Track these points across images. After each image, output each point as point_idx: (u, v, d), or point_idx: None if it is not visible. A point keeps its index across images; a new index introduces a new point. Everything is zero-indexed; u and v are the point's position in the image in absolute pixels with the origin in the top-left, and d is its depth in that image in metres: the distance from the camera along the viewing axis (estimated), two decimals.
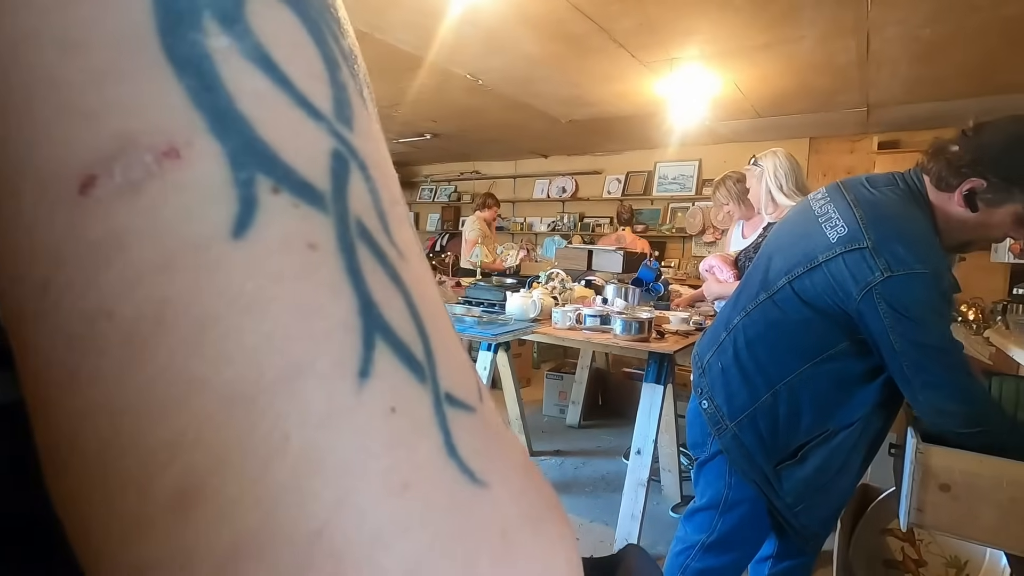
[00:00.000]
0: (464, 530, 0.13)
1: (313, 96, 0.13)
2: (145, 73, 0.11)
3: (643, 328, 2.22)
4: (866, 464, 1.25)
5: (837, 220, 1.12)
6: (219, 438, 0.11)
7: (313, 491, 0.11)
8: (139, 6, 0.11)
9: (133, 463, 0.11)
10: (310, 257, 0.12)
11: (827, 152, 5.21)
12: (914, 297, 1.02)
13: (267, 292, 0.11)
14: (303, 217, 0.12)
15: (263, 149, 0.12)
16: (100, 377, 0.11)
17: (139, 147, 0.11)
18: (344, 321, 0.12)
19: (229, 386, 0.11)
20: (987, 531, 1.02)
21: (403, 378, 0.13)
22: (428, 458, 0.13)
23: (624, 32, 2.93)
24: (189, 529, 0.11)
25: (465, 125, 5.31)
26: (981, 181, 1.05)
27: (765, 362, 1.19)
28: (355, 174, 0.13)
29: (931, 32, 2.77)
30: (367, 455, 0.12)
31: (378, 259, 0.13)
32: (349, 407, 0.12)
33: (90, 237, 0.11)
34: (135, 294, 0.11)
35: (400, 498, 0.12)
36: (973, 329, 2.77)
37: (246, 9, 0.12)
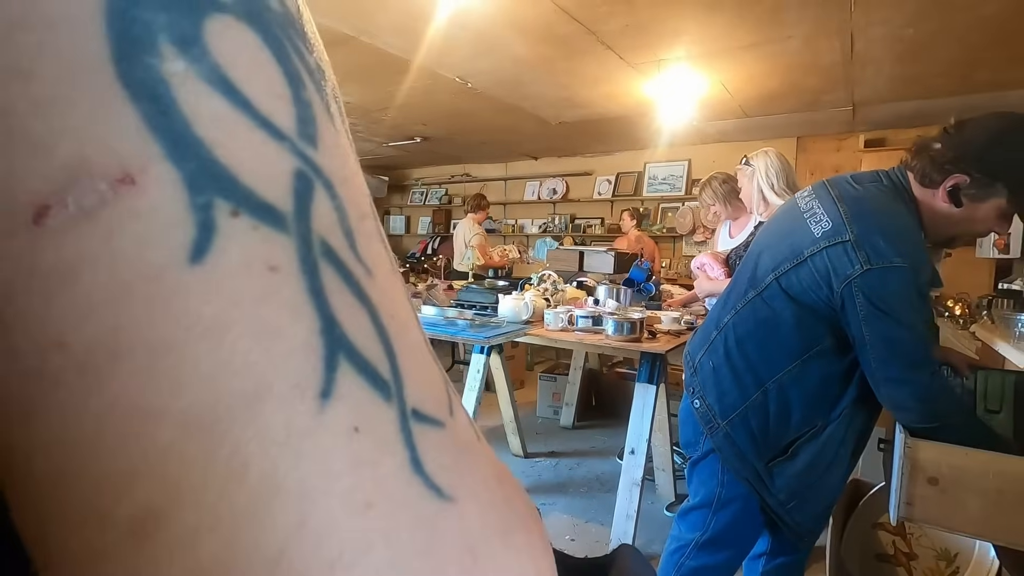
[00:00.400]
0: (429, 546, 0.13)
1: (274, 116, 0.13)
2: (98, 99, 0.11)
3: (635, 328, 2.23)
4: (855, 458, 1.27)
5: (822, 215, 1.14)
6: (177, 467, 0.11)
7: (271, 515, 0.11)
8: (91, 32, 0.11)
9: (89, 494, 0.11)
10: (271, 279, 0.12)
11: (814, 151, 5.26)
12: (890, 290, 1.04)
13: (225, 317, 0.11)
14: (263, 239, 0.12)
15: (221, 172, 0.12)
16: (54, 409, 0.11)
17: (92, 174, 0.11)
18: (305, 342, 0.12)
19: (185, 414, 0.11)
20: (974, 523, 1.03)
21: (367, 397, 0.13)
22: (392, 476, 0.13)
23: (612, 34, 2.95)
24: (147, 558, 0.11)
25: (455, 128, 5.31)
26: (964, 177, 1.07)
27: (755, 360, 1.20)
28: (319, 193, 0.13)
29: (914, 32, 2.81)
30: (328, 476, 0.12)
31: (343, 278, 0.13)
32: (310, 429, 0.12)
33: (42, 267, 0.11)
34: (88, 324, 0.11)
35: (362, 517, 0.12)
36: (959, 324, 2.80)
37: (204, 31, 0.12)
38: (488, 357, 2.70)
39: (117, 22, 0.11)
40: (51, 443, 0.11)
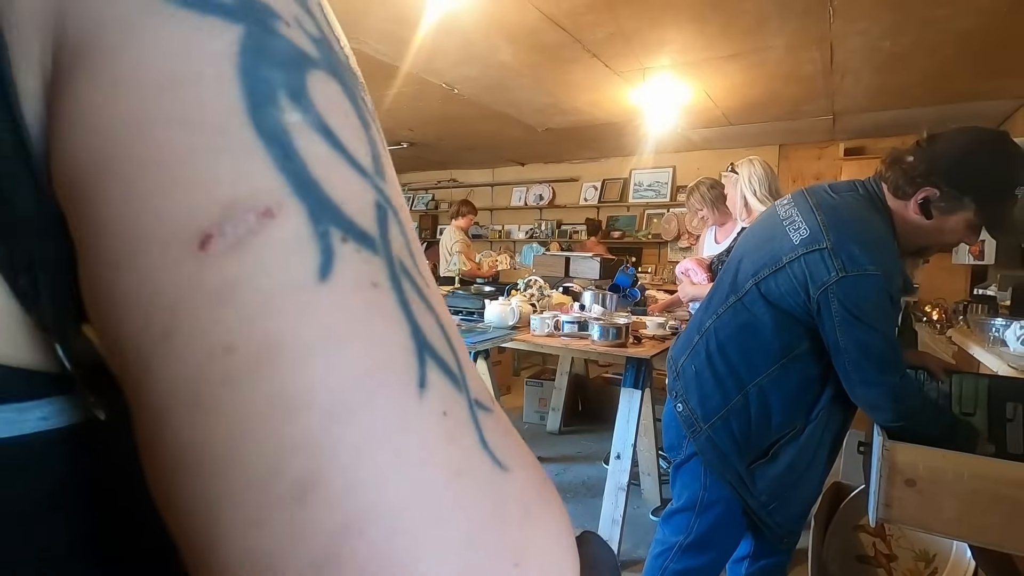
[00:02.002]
0: (499, 506, 0.16)
1: (358, 155, 0.16)
2: (241, 146, 0.14)
3: (620, 334, 2.25)
4: (831, 460, 1.29)
5: (800, 223, 1.17)
6: (325, 442, 0.13)
7: (396, 481, 0.14)
8: (230, 88, 0.14)
9: (255, 464, 0.13)
10: (374, 294, 0.15)
11: (796, 159, 5.35)
12: (864, 297, 1.07)
13: (349, 325, 0.14)
14: (365, 261, 0.15)
15: (332, 206, 0.15)
16: (223, 400, 0.13)
17: (243, 209, 0.14)
18: (404, 345, 0.15)
19: (331, 402, 0.14)
20: (951, 523, 1.05)
21: (447, 388, 0.16)
22: (471, 450, 0.16)
23: (597, 42, 2.98)
24: (306, 513, 0.13)
25: (442, 133, 5.31)
26: (934, 190, 1.11)
27: (736, 364, 1.22)
28: (391, 220, 0.16)
29: (891, 44, 2.88)
30: (431, 450, 0.15)
31: (416, 290, 0.16)
32: (415, 413, 0.15)
33: (207, 286, 0.13)
34: (249, 330, 0.13)
35: (457, 482, 0.15)
36: (936, 329, 2.86)
37: (307, 85, 0.15)
38: (475, 362, 2.70)
39: (248, 79, 0.14)
40: (219, 426, 0.13)
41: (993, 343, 1.97)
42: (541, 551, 0.17)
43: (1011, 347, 1.85)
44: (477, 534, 0.15)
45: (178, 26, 0.14)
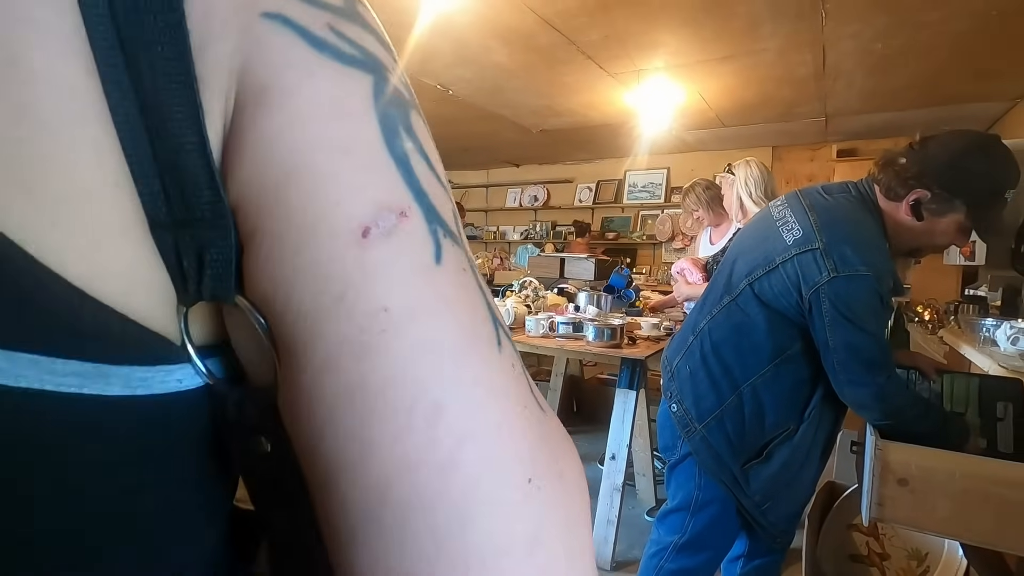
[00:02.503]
0: (550, 437, 0.22)
1: (441, 174, 0.22)
2: (383, 165, 0.19)
3: (615, 334, 2.25)
4: (824, 459, 1.30)
5: (793, 224, 1.18)
6: (447, 379, 0.19)
7: (491, 408, 0.20)
8: (372, 123, 0.20)
9: (402, 395, 0.19)
10: (465, 276, 0.21)
11: (789, 160, 5.38)
12: (855, 297, 1.08)
13: (457, 294, 0.20)
14: (456, 251, 0.21)
15: (435, 211, 0.20)
16: (381, 347, 0.18)
17: (389, 210, 0.19)
18: (485, 314, 0.21)
19: (451, 349, 0.19)
20: (942, 522, 1.06)
21: (511, 348, 0.22)
22: (528, 393, 0.22)
23: (592, 44, 2.99)
24: (436, 430, 0.19)
25: (436, 135, 5.10)
26: (926, 192, 1.12)
27: (730, 364, 1.23)
28: (460, 222, 0.22)
29: (883, 46, 2.90)
30: (508, 390, 0.20)
31: (478, 275, 0.22)
32: (498, 362, 0.20)
33: (368, 264, 0.18)
34: (397, 296, 0.19)
35: (523, 413, 0.21)
36: (928, 329, 2.88)
37: (411, 119, 0.21)
38: None
39: (381, 116, 0.20)
40: (381, 370, 0.18)
41: (984, 343, 1.99)
42: (571, 468, 0.22)
43: (1001, 347, 1.86)
44: (536, 449, 0.20)
45: (334, 74, 0.19)
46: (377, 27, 0.22)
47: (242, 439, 0.22)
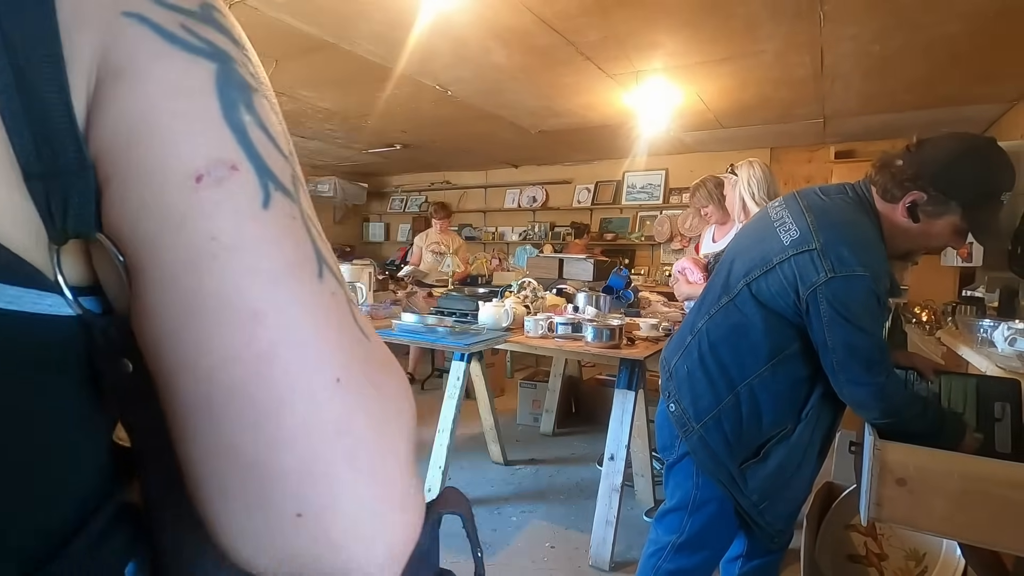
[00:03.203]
0: (370, 357, 0.26)
1: (282, 147, 0.26)
2: (219, 131, 0.23)
3: (614, 335, 2.25)
4: (821, 459, 1.30)
5: (791, 224, 1.18)
6: (267, 295, 0.23)
7: (306, 321, 0.24)
8: (212, 99, 0.24)
9: (227, 304, 0.23)
10: (293, 222, 0.25)
11: (787, 161, 5.39)
12: (852, 298, 1.09)
13: (282, 233, 0.24)
14: (286, 202, 0.25)
15: (268, 170, 0.24)
16: (212, 267, 0.22)
17: (221, 163, 0.23)
18: (309, 252, 0.25)
19: (271, 270, 0.23)
20: (940, 522, 1.07)
21: (335, 283, 0.26)
22: (348, 318, 0.26)
23: (590, 45, 2.99)
24: (253, 329, 0.23)
25: (435, 135, 5.31)
26: (922, 194, 1.12)
27: (728, 364, 1.23)
28: (300, 186, 0.26)
29: (880, 48, 2.91)
30: (327, 309, 0.25)
31: (316, 230, 0.26)
32: (317, 287, 0.24)
33: (202, 204, 0.22)
34: (226, 228, 0.22)
35: (339, 330, 0.25)
36: (926, 330, 2.89)
37: (253, 100, 0.25)
38: (468, 364, 2.69)
39: (221, 94, 0.24)
40: (212, 283, 0.22)
41: (981, 344, 1.99)
42: (390, 385, 0.27)
43: (999, 347, 1.87)
44: (349, 360, 0.24)
45: (181, 61, 0.23)
46: (232, 30, 0.26)
47: (110, 363, 0.26)
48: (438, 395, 2.60)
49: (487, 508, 2.59)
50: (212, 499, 0.23)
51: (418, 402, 1.11)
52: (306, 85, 3.83)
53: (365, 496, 0.24)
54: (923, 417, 1.14)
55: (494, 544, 2.27)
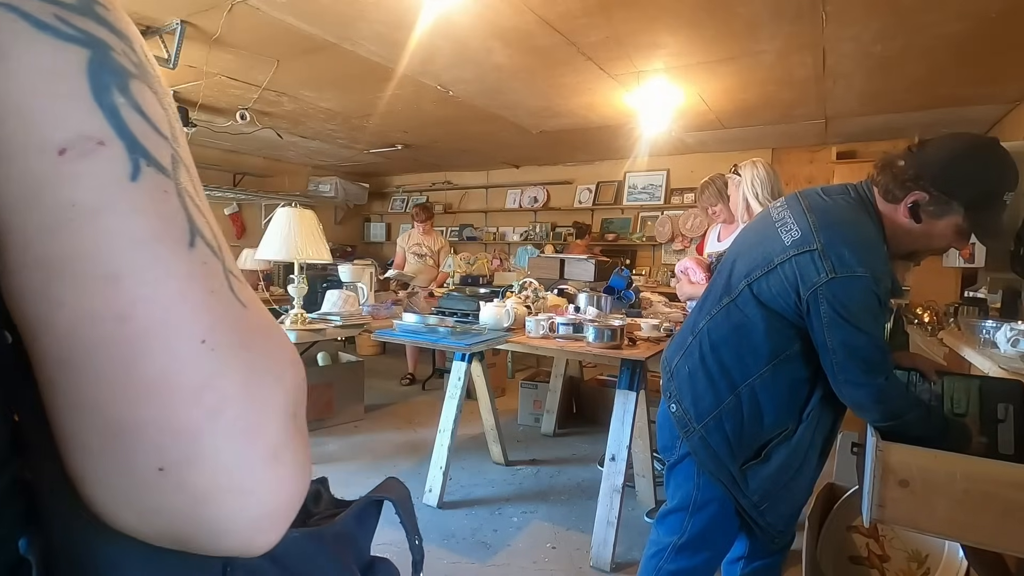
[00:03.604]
0: (244, 325, 0.27)
1: (161, 127, 0.27)
2: (89, 110, 0.24)
3: (615, 335, 2.25)
4: (822, 461, 1.30)
5: (792, 224, 1.18)
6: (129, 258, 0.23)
7: (169, 285, 0.24)
8: (83, 81, 0.24)
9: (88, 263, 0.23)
10: (165, 195, 0.25)
11: (788, 162, 5.38)
12: (853, 299, 1.08)
13: (147, 205, 0.24)
14: (160, 179, 0.25)
15: (141, 146, 0.25)
16: (72, 230, 0.23)
17: (86, 138, 0.23)
18: (181, 224, 0.25)
19: (132, 236, 0.24)
20: (943, 523, 1.06)
21: (209, 253, 0.26)
22: (221, 286, 0.26)
23: (592, 45, 2.99)
24: (114, 291, 0.23)
25: (436, 136, 5.31)
26: (924, 194, 1.12)
27: (729, 364, 1.23)
28: (181, 165, 0.27)
29: (882, 48, 2.91)
30: (194, 275, 0.25)
31: (195, 205, 0.27)
32: (186, 255, 0.25)
33: (63, 173, 0.23)
34: (87, 196, 0.23)
35: (211, 295, 0.25)
36: (928, 331, 2.88)
37: (130, 86, 0.25)
38: (469, 365, 2.69)
39: (93, 78, 0.24)
40: (71, 244, 0.23)
41: (984, 345, 1.99)
42: (265, 353, 0.27)
43: (1001, 348, 1.86)
44: (218, 323, 0.25)
45: (50, 46, 0.24)
46: (114, 22, 0.27)
47: None
48: (438, 395, 2.60)
49: (488, 508, 2.59)
50: (77, 457, 0.24)
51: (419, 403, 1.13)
52: (308, 85, 3.84)
53: (229, 450, 0.24)
54: (926, 421, 1.13)
55: (495, 545, 2.27)
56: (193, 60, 3.24)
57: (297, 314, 2.67)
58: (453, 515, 2.51)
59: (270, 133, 5.13)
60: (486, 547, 2.25)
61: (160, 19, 2.79)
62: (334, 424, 3.64)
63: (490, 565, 2.12)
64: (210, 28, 2.85)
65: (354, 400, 3.81)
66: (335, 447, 3.31)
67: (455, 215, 7.48)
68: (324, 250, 2.69)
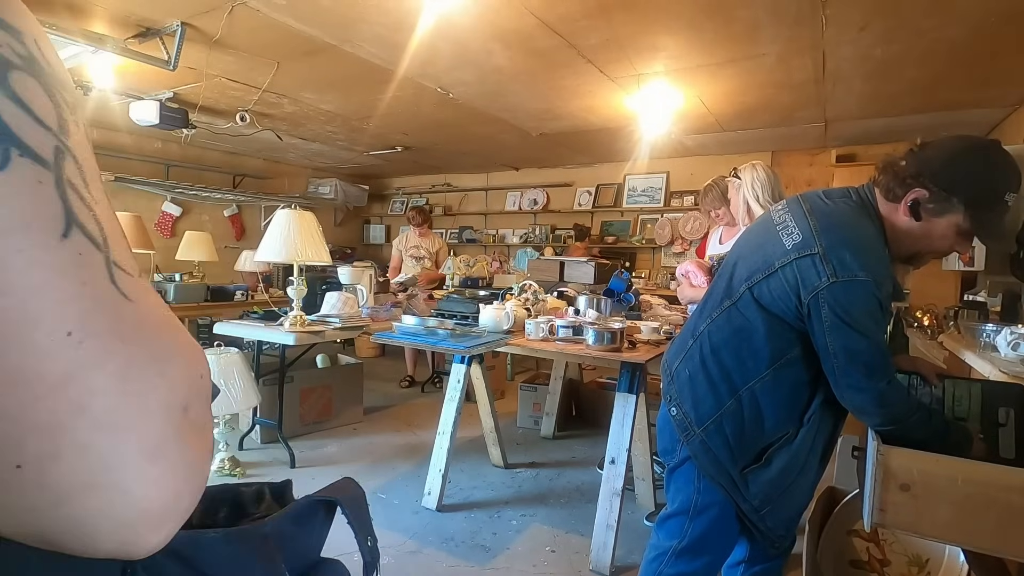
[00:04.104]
0: (123, 318, 0.26)
1: (45, 119, 0.25)
2: None
3: (615, 338, 2.25)
4: (823, 465, 1.29)
5: (793, 228, 1.18)
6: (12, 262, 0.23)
7: (32, 274, 0.23)
8: None
9: None
10: (39, 186, 0.24)
11: (788, 165, 5.38)
12: (854, 302, 1.08)
13: (16, 193, 0.23)
14: (35, 169, 0.24)
15: (14, 137, 0.24)
16: None
17: None
18: (55, 214, 0.24)
19: (5, 233, 0.23)
20: (944, 528, 1.06)
21: (87, 244, 0.25)
22: (98, 278, 0.25)
23: (592, 48, 2.99)
24: None
25: (436, 138, 5.31)
26: (924, 191, 1.12)
27: (730, 368, 1.22)
28: (67, 157, 0.26)
29: (882, 52, 2.91)
30: (65, 266, 0.24)
31: (76, 195, 0.26)
32: (56, 245, 0.24)
33: None
34: None
35: (83, 288, 0.24)
36: (928, 334, 2.88)
37: (9, 76, 0.24)
38: (468, 367, 2.69)
39: None
40: None
41: (984, 348, 1.98)
42: (156, 345, 0.27)
43: (1002, 352, 1.86)
44: (89, 315, 0.24)
45: None
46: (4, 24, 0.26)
47: None
48: (438, 398, 2.60)
49: (487, 511, 2.58)
50: None
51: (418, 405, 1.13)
52: (308, 87, 3.84)
53: (97, 445, 0.23)
54: (927, 425, 1.13)
55: (494, 548, 2.26)
56: (193, 62, 3.24)
57: (296, 316, 2.66)
58: (452, 518, 2.50)
59: (270, 135, 5.13)
60: (485, 550, 2.24)
61: (160, 21, 2.79)
62: (333, 426, 3.64)
63: (489, 568, 2.11)
64: (210, 30, 2.85)
65: (353, 402, 3.80)
66: (334, 449, 3.30)
67: (455, 217, 7.47)
68: (323, 252, 2.69)
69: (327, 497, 0.42)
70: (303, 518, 0.41)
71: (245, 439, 3.26)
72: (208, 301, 4.14)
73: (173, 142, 5.64)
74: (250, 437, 3.30)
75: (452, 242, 7.13)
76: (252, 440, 3.31)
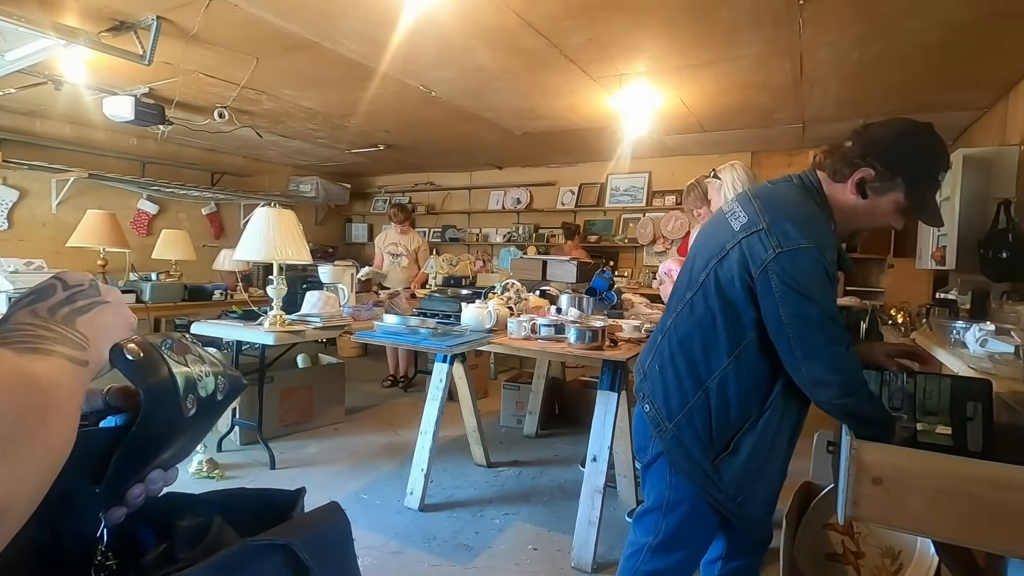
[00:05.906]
0: None
1: None
2: None
3: (596, 337, 2.26)
4: (792, 445, 1.32)
5: (740, 213, 1.25)
6: None
7: None
8: None
9: None
10: None
11: (767, 165, 5.47)
12: (800, 270, 1.12)
13: None
14: None
15: None
16: None
17: None
18: None
19: None
20: (915, 520, 1.08)
21: None
22: None
23: (574, 48, 3.00)
24: None
25: (419, 136, 5.28)
26: (871, 170, 1.19)
27: (696, 360, 1.24)
28: None
29: (859, 54, 2.97)
30: None
31: None
32: None
33: None
34: None
35: None
36: (902, 332, 2.95)
37: None
38: (451, 366, 2.68)
39: None
40: None
41: (954, 345, 2.04)
42: None
43: (971, 349, 1.91)
44: None
45: None
46: None
47: None
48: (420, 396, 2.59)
49: (469, 511, 2.58)
50: None
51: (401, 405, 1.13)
52: (288, 84, 3.79)
53: None
54: (874, 399, 1.17)
55: (476, 547, 2.26)
56: (169, 57, 3.18)
57: (276, 316, 2.63)
58: (435, 517, 2.49)
59: (249, 132, 5.05)
60: (468, 549, 2.24)
61: (135, 14, 2.73)
62: (314, 427, 3.60)
63: (471, 567, 2.11)
64: (187, 24, 2.80)
65: (335, 402, 3.76)
66: (315, 450, 3.27)
67: (438, 216, 7.45)
68: (304, 251, 2.66)
69: (272, 541, 0.32)
70: (242, 566, 0.31)
71: (224, 440, 3.21)
72: (186, 300, 4.08)
73: (149, 138, 5.53)
74: (229, 439, 3.25)
75: (435, 241, 7.10)
76: (231, 442, 3.26)
